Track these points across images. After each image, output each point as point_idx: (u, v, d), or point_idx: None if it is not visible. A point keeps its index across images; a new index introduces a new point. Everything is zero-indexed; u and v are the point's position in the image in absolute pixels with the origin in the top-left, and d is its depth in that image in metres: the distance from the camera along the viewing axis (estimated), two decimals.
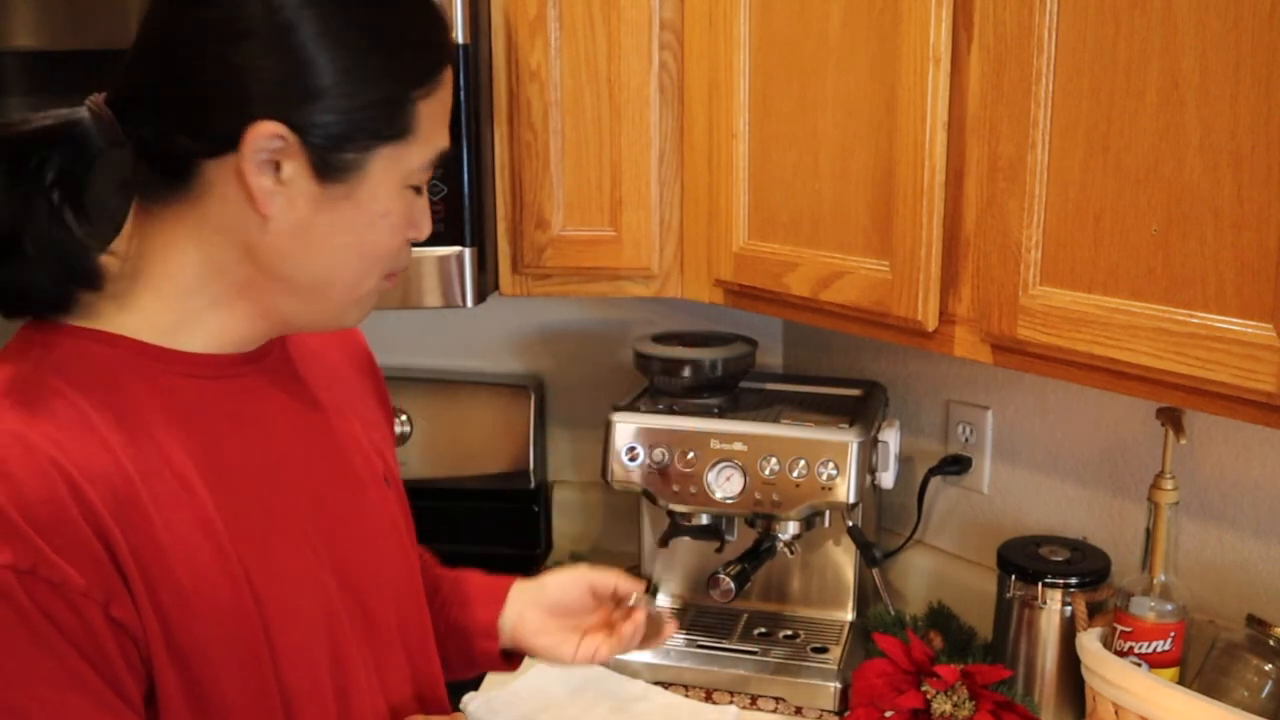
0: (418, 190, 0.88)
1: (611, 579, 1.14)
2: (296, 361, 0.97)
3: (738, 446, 1.43)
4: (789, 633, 1.54)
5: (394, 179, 0.84)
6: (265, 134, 0.78)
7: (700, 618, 1.59)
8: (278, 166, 0.80)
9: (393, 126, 0.83)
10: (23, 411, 0.77)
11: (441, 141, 0.87)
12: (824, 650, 1.49)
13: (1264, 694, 1.20)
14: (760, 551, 1.47)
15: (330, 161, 0.81)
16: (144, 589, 0.77)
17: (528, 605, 1.14)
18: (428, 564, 1.23)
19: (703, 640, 1.52)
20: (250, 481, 0.87)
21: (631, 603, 1.12)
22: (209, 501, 0.83)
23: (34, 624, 0.72)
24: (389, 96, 0.82)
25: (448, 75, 0.87)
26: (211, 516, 0.82)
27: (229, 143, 0.78)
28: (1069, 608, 1.35)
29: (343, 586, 0.92)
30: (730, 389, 1.55)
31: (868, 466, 1.45)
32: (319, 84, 0.79)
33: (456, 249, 1.41)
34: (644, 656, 1.50)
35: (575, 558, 1.81)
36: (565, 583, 1.14)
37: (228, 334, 0.86)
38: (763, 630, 1.55)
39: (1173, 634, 1.26)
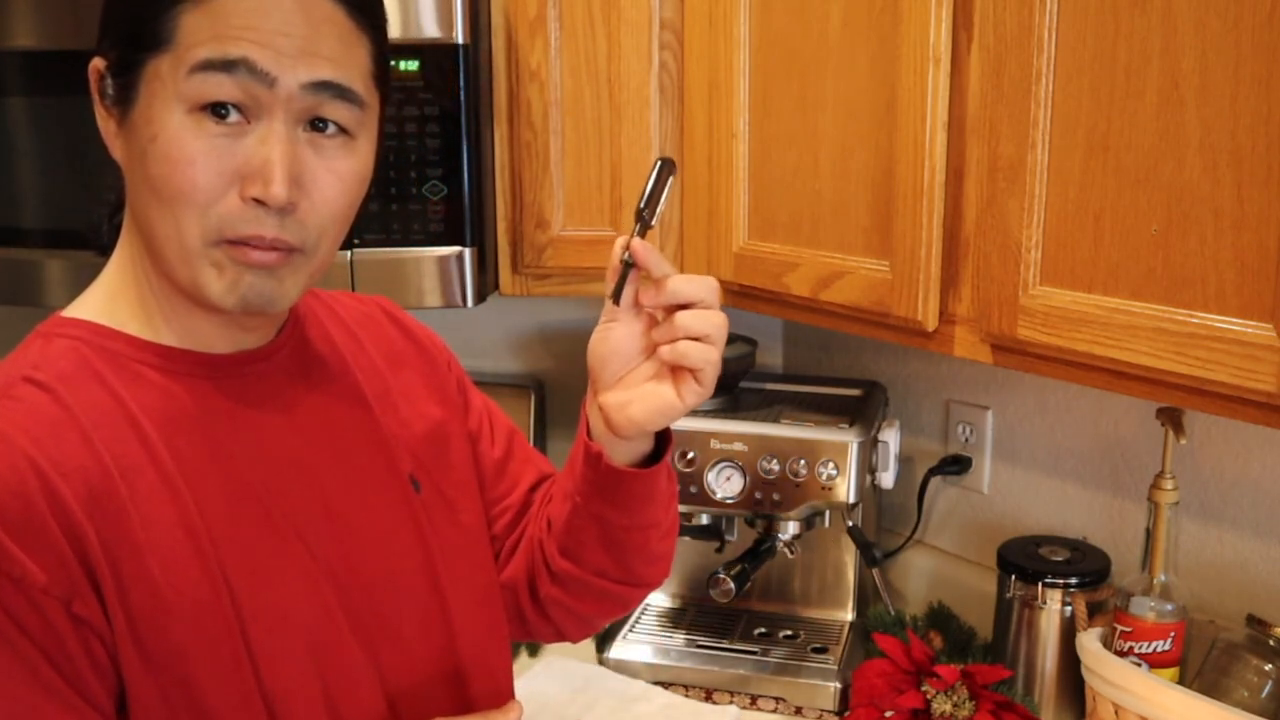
0: (217, 114, 0.76)
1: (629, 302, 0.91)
2: (313, 361, 0.94)
3: (738, 446, 1.43)
4: (789, 633, 1.54)
5: (163, 99, 0.76)
6: (94, 69, 0.79)
7: (700, 618, 1.59)
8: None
9: (154, 39, 0.76)
10: (9, 407, 0.77)
11: (205, 50, 0.75)
12: (824, 650, 1.49)
13: (1264, 694, 1.20)
14: (760, 551, 1.46)
15: (118, 87, 0.79)
16: (114, 587, 0.77)
17: (596, 406, 0.96)
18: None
19: (703, 640, 1.52)
20: (239, 482, 0.85)
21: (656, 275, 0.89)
22: (191, 501, 0.82)
23: None
24: (148, 6, 0.77)
25: None
26: (193, 516, 0.82)
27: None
28: (1069, 608, 1.35)
29: (342, 587, 0.91)
30: (730, 389, 1.55)
31: (868, 466, 1.45)
32: (109, 7, 0.79)
33: (456, 249, 1.41)
34: (644, 656, 1.50)
35: None
36: (605, 355, 0.93)
37: (176, 322, 0.84)
38: (763, 630, 1.55)
39: (1173, 634, 1.26)
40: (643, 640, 1.53)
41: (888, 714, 1.31)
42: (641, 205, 0.91)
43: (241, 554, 0.84)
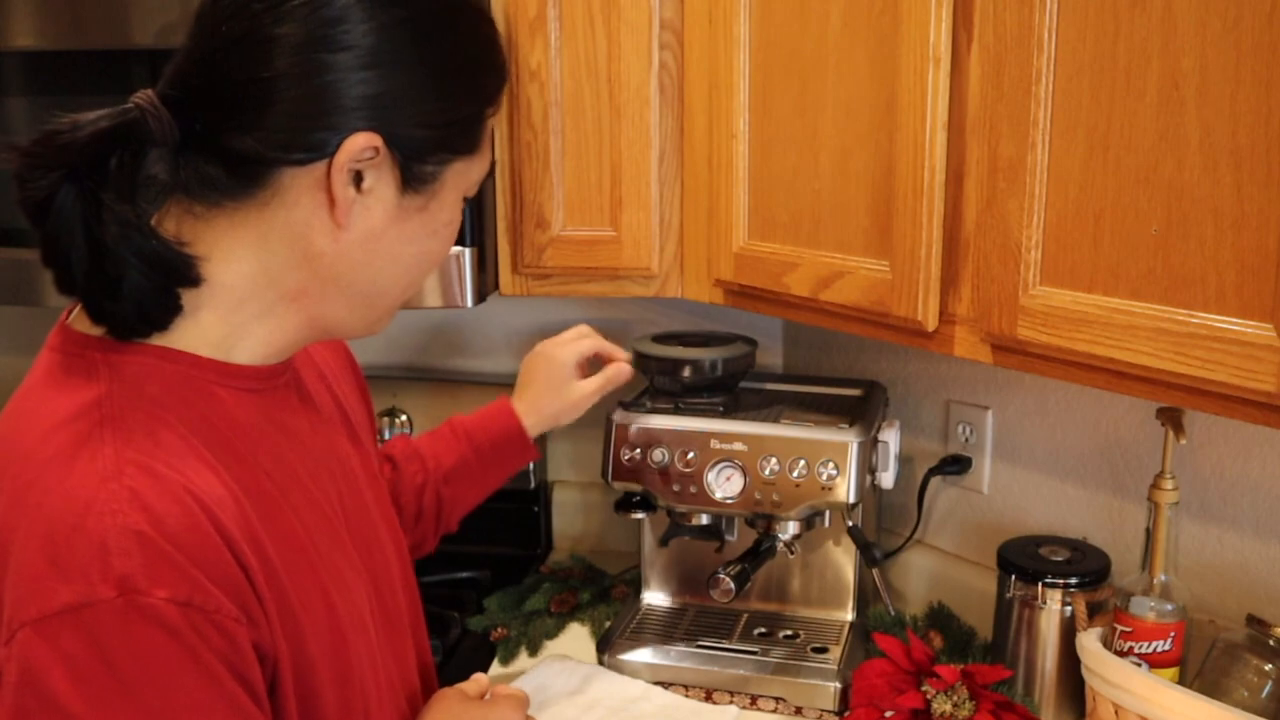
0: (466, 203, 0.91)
1: (589, 348, 1.44)
2: (300, 370, 0.97)
3: (738, 446, 1.43)
4: (789, 633, 1.54)
5: (459, 192, 0.88)
6: (360, 145, 0.79)
7: (700, 618, 1.59)
8: (359, 176, 0.80)
9: (467, 142, 0.86)
10: (132, 438, 0.75)
11: (490, 158, 0.91)
12: (824, 650, 1.49)
13: (1264, 694, 1.20)
14: (760, 551, 1.46)
15: (415, 174, 0.83)
16: (276, 612, 0.77)
17: (531, 414, 1.40)
18: (405, 451, 1.33)
19: (703, 640, 1.52)
20: (307, 490, 0.87)
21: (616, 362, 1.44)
22: (292, 514, 0.83)
23: (198, 655, 0.71)
24: (470, 113, 0.86)
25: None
26: (299, 531, 0.83)
27: (320, 152, 0.79)
28: (1069, 608, 1.35)
29: (369, 584, 0.93)
30: (730, 389, 1.55)
31: (868, 466, 1.45)
32: (414, 99, 0.81)
33: (456, 249, 1.41)
34: (644, 656, 1.50)
35: (575, 558, 1.81)
36: (555, 379, 1.41)
37: (272, 344, 0.86)
38: (763, 630, 1.55)
39: (1173, 634, 1.26)
40: (643, 640, 1.53)
41: (888, 714, 1.31)
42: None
43: (330, 560, 0.86)
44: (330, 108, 0.78)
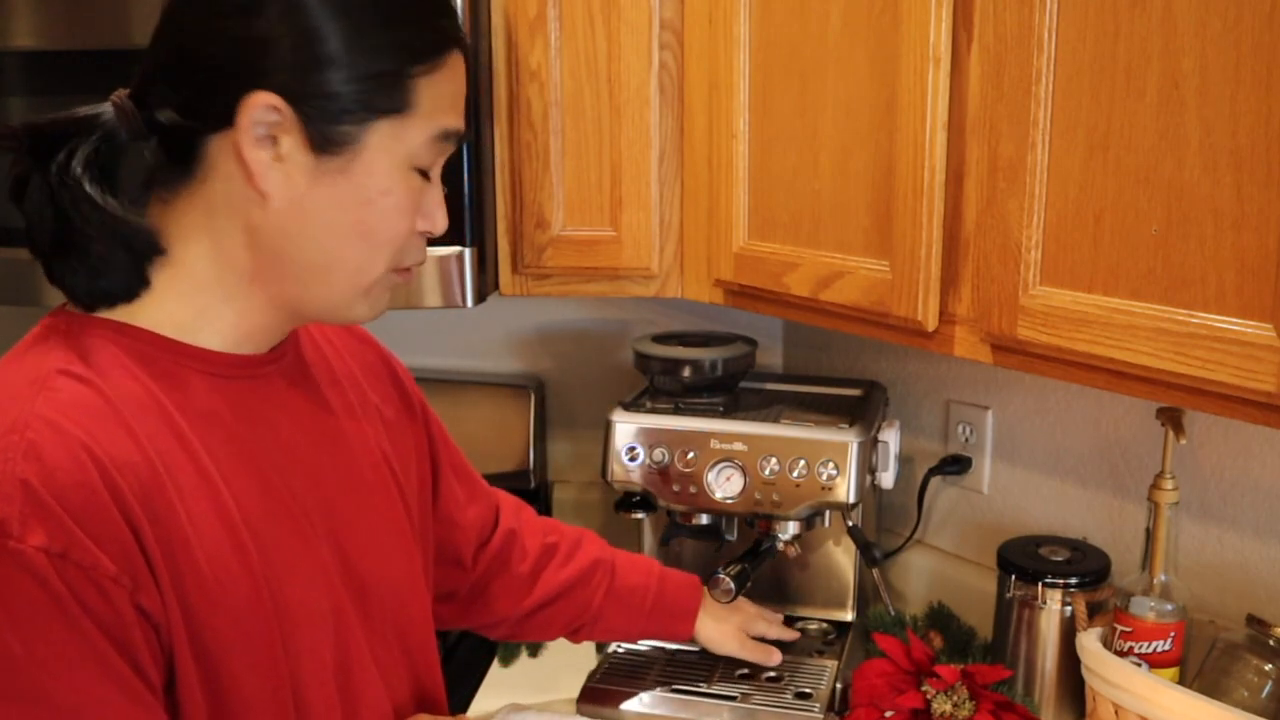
0: (425, 175, 0.88)
1: (759, 632, 1.46)
2: (310, 365, 0.97)
3: (738, 446, 1.43)
4: (772, 674, 1.45)
5: (394, 156, 0.84)
6: (260, 105, 0.79)
7: (670, 667, 1.48)
8: (276, 141, 0.81)
9: (390, 100, 0.83)
10: (51, 398, 0.77)
11: (447, 121, 0.87)
12: (807, 696, 1.40)
13: (1264, 694, 1.20)
14: (760, 551, 1.46)
15: (326, 134, 0.81)
16: (169, 579, 0.78)
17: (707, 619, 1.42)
18: (594, 550, 1.37)
19: (679, 684, 1.43)
20: (265, 480, 0.87)
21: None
22: (229, 497, 0.83)
23: (65, 608, 0.73)
24: (386, 70, 0.82)
25: (453, 59, 0.87)
26: (232, 512, 0.83)
27: (227, 117, 0.80)
28: (1069, 608, 1.35)
29: (346, 585, 0.93)
30: (730, 389, 1.55)
31: (868, 466, 1.45)
32: (317, 56, 0.80)
33: (456, 249, 1.41)
34: (627, 704, 1.41)
35: None
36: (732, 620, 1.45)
37: (243, 328, 0.87)
38: (744, 672, 1.45)
39: (1173, 634, 1.26)
40: (614, 690, 1.42)
41: (888, 714, 1.31)
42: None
43: (274, 550, 0.86)
44: (230, 71, 0.80)
